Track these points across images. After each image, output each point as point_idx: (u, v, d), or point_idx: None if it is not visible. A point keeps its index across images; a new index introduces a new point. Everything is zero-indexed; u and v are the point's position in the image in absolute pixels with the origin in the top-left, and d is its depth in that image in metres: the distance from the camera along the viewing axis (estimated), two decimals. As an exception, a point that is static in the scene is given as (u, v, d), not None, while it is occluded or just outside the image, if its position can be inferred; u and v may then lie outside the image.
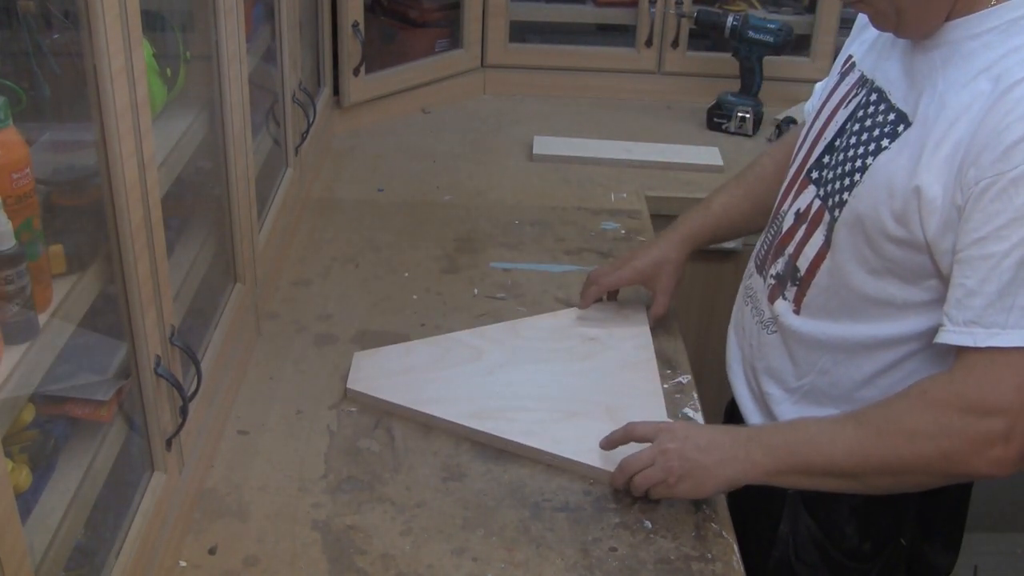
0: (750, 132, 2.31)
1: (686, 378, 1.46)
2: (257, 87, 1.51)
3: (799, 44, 2.40)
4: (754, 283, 1.36)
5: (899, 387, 1.13)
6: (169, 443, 1.08)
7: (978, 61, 1.06)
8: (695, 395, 1.42)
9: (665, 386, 1.43)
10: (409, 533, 1.17)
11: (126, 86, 0.92)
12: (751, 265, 1.39)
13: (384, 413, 1.36)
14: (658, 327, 1.54)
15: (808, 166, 1.27)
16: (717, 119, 2.35)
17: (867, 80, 1.22)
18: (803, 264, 1.23)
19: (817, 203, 1.23)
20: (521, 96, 2.53)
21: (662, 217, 1.95)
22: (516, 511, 1.21)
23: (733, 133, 2.32)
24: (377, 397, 1.36)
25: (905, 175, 1.09)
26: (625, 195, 2.03)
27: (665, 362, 1.49)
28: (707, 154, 2.20)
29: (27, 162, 0.82)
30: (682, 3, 2.43)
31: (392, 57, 2.39)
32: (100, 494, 0.97)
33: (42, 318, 0.85)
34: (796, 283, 1.24)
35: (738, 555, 1.16)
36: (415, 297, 1.65)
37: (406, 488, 1.24)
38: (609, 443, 1.24)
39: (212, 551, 1.14)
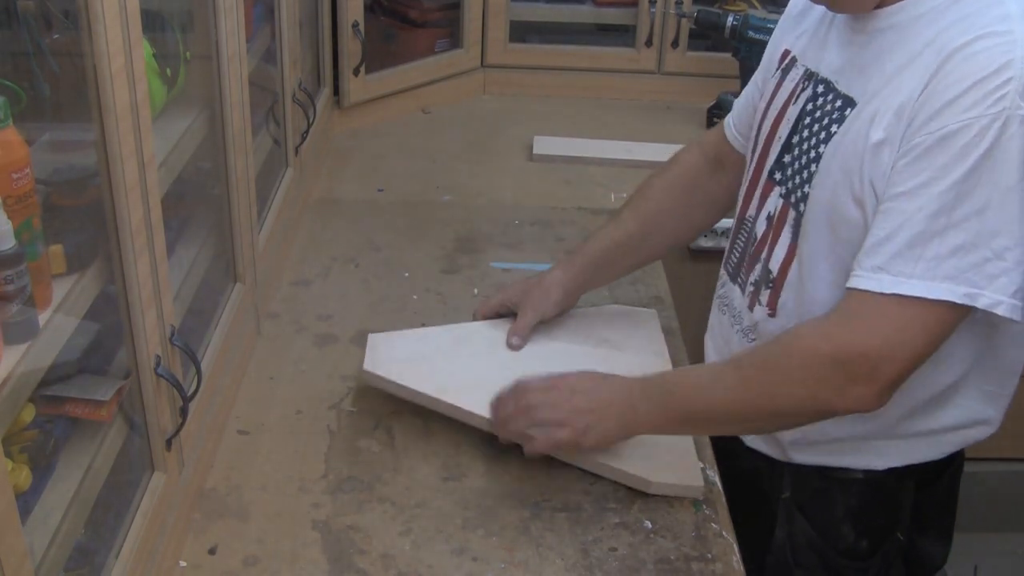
0: (750, 132, 2.31)
1: (686, 378, 1.45)
2: (257, 87, 1.51)
3: (799, 44, 2.39)
4: (728, 291, 1.34)
5: None
6: (169, 443, 1.08)
7: (921, 38, 1.07)
8: (695, 395, 1.42)
9: (665, 386, 1.43)
10: (409, 533, 1.17)
11: (126, 86, 0.92)
12: (723, 274, 1.37)
13: (384, 413, 1.36)
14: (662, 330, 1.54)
15: (768, 168, 1.26)
16: (717, 119, 2.34)
17: (812, 73, 1.22)
18: (774, 266, 1.22)
19: (781, 203, 1.22)
20: (521, 96, 2.53)
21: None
22: (516, 511, 1.21)
23: (733, 133, 2.32)
24: (394, 381, 1.33)
25: (855, 155, 1.09)
26: (625, 195, 2.00)
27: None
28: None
29: (27, 162, 0.82)
30: (682, 3, 2.43)
31: (392, 57, 2.39)
32: (100, 494, 0.97)
33: (42, 318, 0.85)
34: (770, 286, 1.23)
35: (738, 555, 1.16)
36: (415, 297, 1.65)
37: (406, 488, 1.24)
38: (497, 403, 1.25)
39: (212, 551, 1.14)
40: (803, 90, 1.22)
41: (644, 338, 1.50)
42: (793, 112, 1.23)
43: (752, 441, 1.30)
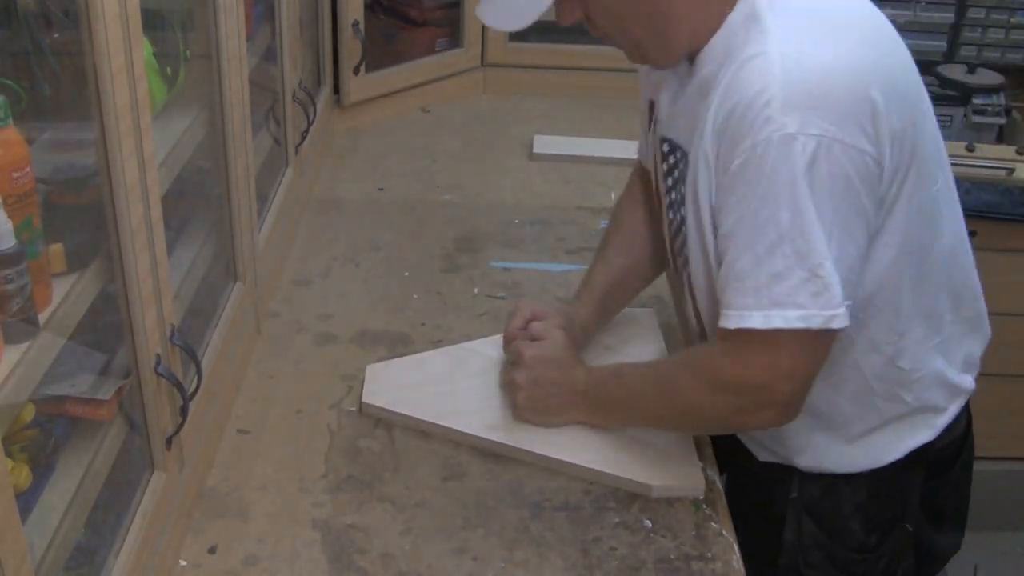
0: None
1: (686, 377, 1.45)
2: (257, 86, 1.51)
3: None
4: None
5: (841, 384, 1.19)
6: (169, 442, 1.08)
7: (714, 79, 1.08)
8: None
9: (665, 385, 1.43)
10: (409, 532, 1.17)
11: (126, 85, 0.92)
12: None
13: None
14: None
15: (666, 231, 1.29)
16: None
17: (664, 138, 1.24)
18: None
19: (681, 261, 1.25)
20: (521, 95, 2.53)
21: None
22: (516, 510, 1.21)
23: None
24: (394, 411, 1.34)
25: (695, 205, 1.12)
26: (625, 194, 2.03)
27: (665, 361, 1.49)
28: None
29: (27, 161, 0.82)
30: (682, 2, 2.43)
31: (392, 56, 2.39)
32: (100, 493, 0.97)
33: (42, 317, 0.85)
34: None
35: (738, 554, 1.16)
36: (415, 296, 1.65)
37: (406, 487, 1.24)
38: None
39: (212, 550, 1.14)
40: (660, 151, 1.25)
41: (642, 339, 1.50)
42: (661, 175, 1.26)
43: (762, 455, 1.30)
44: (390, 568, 1.12)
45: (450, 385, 1.40)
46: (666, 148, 1.23)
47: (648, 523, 1.19)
